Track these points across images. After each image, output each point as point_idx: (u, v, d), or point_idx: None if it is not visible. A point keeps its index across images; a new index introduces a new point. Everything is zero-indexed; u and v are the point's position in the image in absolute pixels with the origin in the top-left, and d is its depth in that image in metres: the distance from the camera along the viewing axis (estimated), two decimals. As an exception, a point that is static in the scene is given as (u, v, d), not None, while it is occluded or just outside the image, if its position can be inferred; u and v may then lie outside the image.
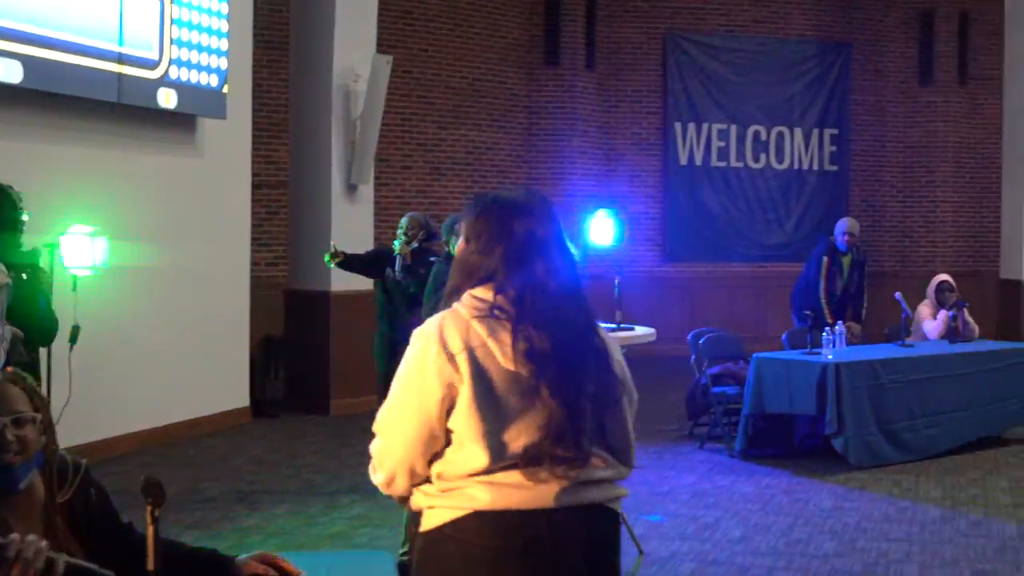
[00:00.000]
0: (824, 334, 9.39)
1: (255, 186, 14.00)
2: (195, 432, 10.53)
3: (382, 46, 15.11)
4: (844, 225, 11.48)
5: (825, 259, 11.33)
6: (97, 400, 9.25)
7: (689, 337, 10.46)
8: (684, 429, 10.85)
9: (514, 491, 2.83)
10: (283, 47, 13.49)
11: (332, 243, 8.95)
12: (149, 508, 2.85)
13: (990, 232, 18.46)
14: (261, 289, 13.62)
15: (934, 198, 18.64)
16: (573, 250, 3.06)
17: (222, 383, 11.11)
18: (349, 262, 8.78)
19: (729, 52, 17.85)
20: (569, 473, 2.85)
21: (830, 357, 9.19)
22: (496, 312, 2.88)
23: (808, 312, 10.07)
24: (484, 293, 2.91)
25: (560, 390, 2.84)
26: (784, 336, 10.76)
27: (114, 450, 9.48)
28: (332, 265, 8.80)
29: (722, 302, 17.83)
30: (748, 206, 18.01)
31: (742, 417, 9.59)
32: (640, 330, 7.33)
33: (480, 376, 2.83)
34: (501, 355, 2.84)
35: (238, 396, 11.39)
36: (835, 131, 18.37)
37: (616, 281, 8.04)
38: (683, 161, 17.73)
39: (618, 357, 3.08)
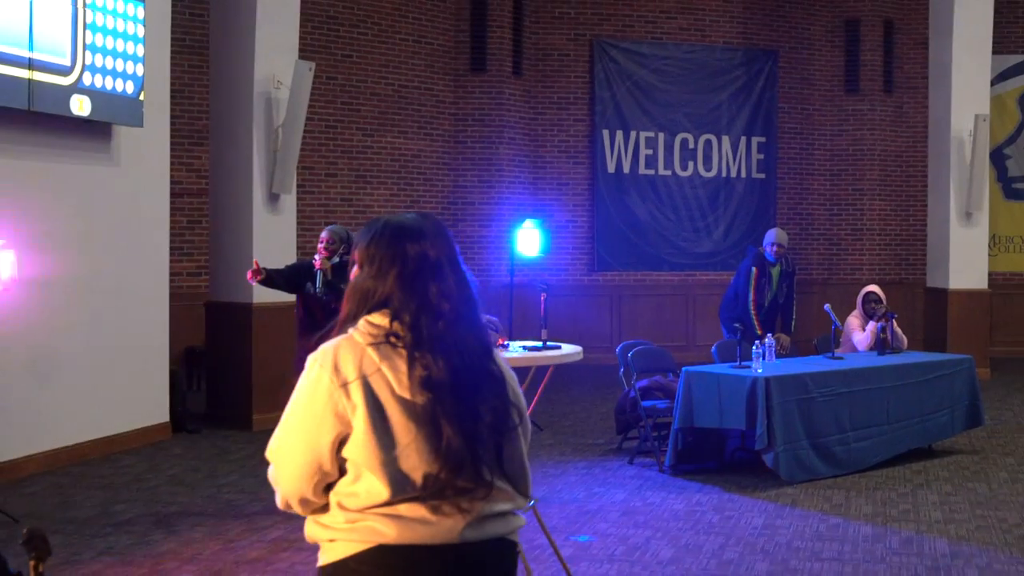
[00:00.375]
0: (753, 347, 9.27)
1: (177, 194, 13.70)
2: (110, 450, 10.21)
3: (305, 52, 14.85)
4: (772, 236, 11.40)
5: (754, 270, 11.24)
6: (4, 418, 8.94)
7: (618, 349, 10.31)
8: (613, 443, 10.70)
9: (419, 525, 2.79)
10: (205, 52, 13.23)
11: (254, 259, 8.70)
12: (32, 564, 2.60)
13: (916, 240, 18.54)
14: (184, 300, 13.33)
15: (861, 206, 18.69)
16: (468, 272, 3.02)
17: (140, 398, 10.79)
18: (270, 278, 8.54)
19: (657, 59, 17.76)
20: (472, 506, 2.83)
21: (760, 371, 9.07)
22: (392, 339, 2.83)
23: (737, 324, 9.97)
24: (380, 319, 2.86)
25: (457, 418, 2.80)
26: (713, 348, 10.63)
27: (23, 471, 9.16)
28: (254, 283, 8.56)
29: (651, 311, 17.75)
30: (676, 214, 17.93)
31: (672, 431, 9.45)
32: (567, 348, 7.14)
33: (375, 405, 2.79)
34: (396, 383, 2.80)
35: (157, 412, 11.06)
36: (762, 139, 18.35)
37: (542, 297, 7.82)
38: (611, 169, 17.62)
39: (513, 384, 3.03)
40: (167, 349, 11.20)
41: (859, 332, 10.96)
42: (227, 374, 11.77)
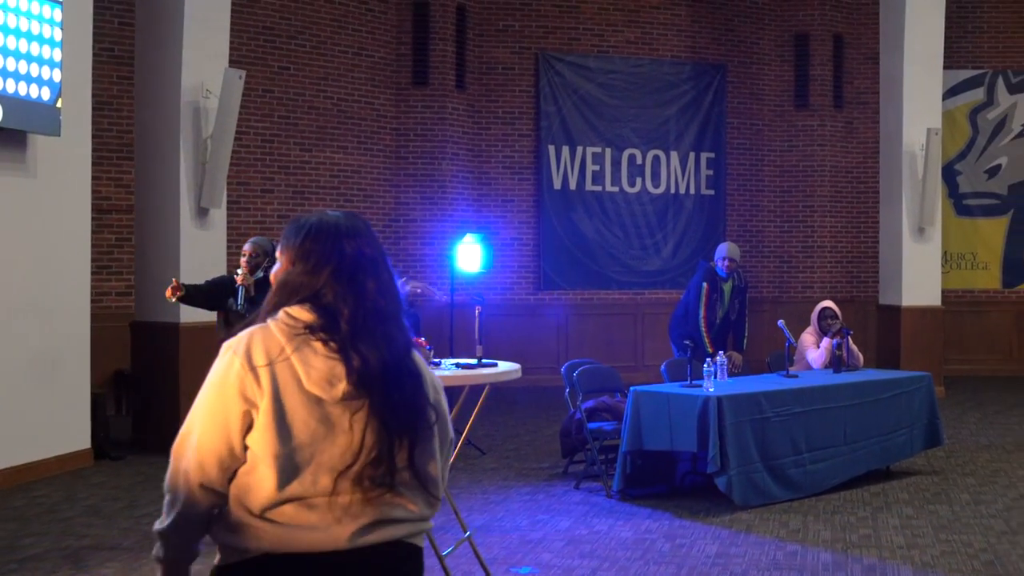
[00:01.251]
0: (705, 365, 8.82)
1: (105, 210, 13.14)
2: (25, 479, 9.60)
3: (240, 64, 14.35)
4: (724, 250, 10.99)
5: (705, 286, 10.83)
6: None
7: (563, 369, 9.82)
8: (559, 467, 10.22)
9: (305, 532, 2.78)
10: (134, 62, 12.61)
11: (172, 278, 8.17)
12: None
13: (868, 257, 18.25)
14: (112, 321, 12.75)
15: (812, 223, 18.38)
16: (395, 272, 3.04)
17: (58, 423, 10.18)
18: (190, 296, 8.03)
19: (603, 73, 17.37)
20: (366, 509, 2.82)
21: (711, 390, 8.62)
22: (308, 331, 2.84)
23: (688, 342, 9.48)
24: (299, 312, 2.86)
25: (383, 413, 2.83)
26: (663, 367, 10.18)
27: (-72, 502, 8.56)
28: (173, 300, 8.04)
29: (598, 331, 17.32)
30: (624, 232, 17.52)
31: (619, 454, 8.97)
32: (504, 366, 6.65)
33: (280, 394, 2.79)
34: (305, 376, 2.80)
35: (78, 438, 10.45)
36: (712, 154, 17.99)
37: (477, 311, 7.31)
38: (557, 185, 17.19)
39: (433, 382, 3.02)
40: (88, 371, 10.59)
41: (814, 349, 10.56)
42: (153, 397, 11.19)
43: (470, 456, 10.87)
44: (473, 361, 6.66)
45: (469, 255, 11.75)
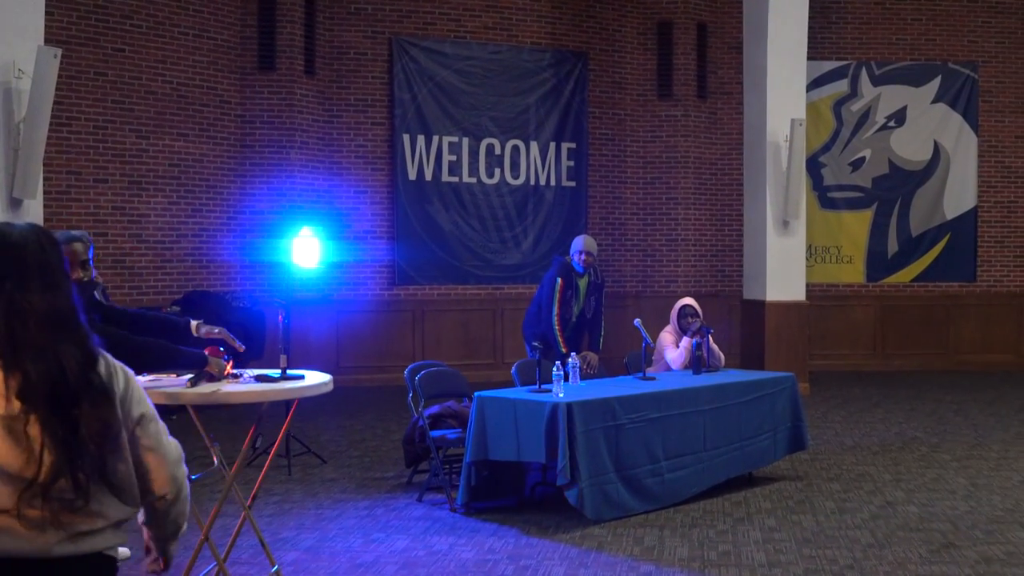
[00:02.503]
0: (555, 368, 8.16)
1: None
2: None
3: (70, 44, 13.50)
4: (580, 244, 10.37)
5: (558, 281, 10.20)
6: None
7: (406, 372, 9.09)
8: (404, 477, 9.52)
9: (9, 537, 2.82)
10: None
11: None
12: None
13: (732, 251, 17.89)
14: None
15: (676, 216, 17.93)
16: (70, 280, 2.95)
17: None
18: None
19: (460, 60, 16.69)
20: (67, 519, 2.86)
21: (561, 395, 7.98)
22: None
23: (536, 343, 8.79)
24: None
25: (52, 428, 2.80)
26: (513, 369, 9.49)
27: None
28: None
29: (456, 328, 16.67)
30: (482, 224, 16.88)
31: (464, 465, 8.30)
32: (313, 377, 5.89)
33: None
34: None
35: None
36: (572, 145, 17.43)
37: (280, 318, 6.52)
38: (412, 176, 16.48)
39: (125, 393, 2.98)
40: None
41: (672, 349, 10.00)
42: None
43: (309, 465, 10.12)
44: (274, 372, 5.89)
45: (306, 250, 10.92)
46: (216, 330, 5.99)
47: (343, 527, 7.92)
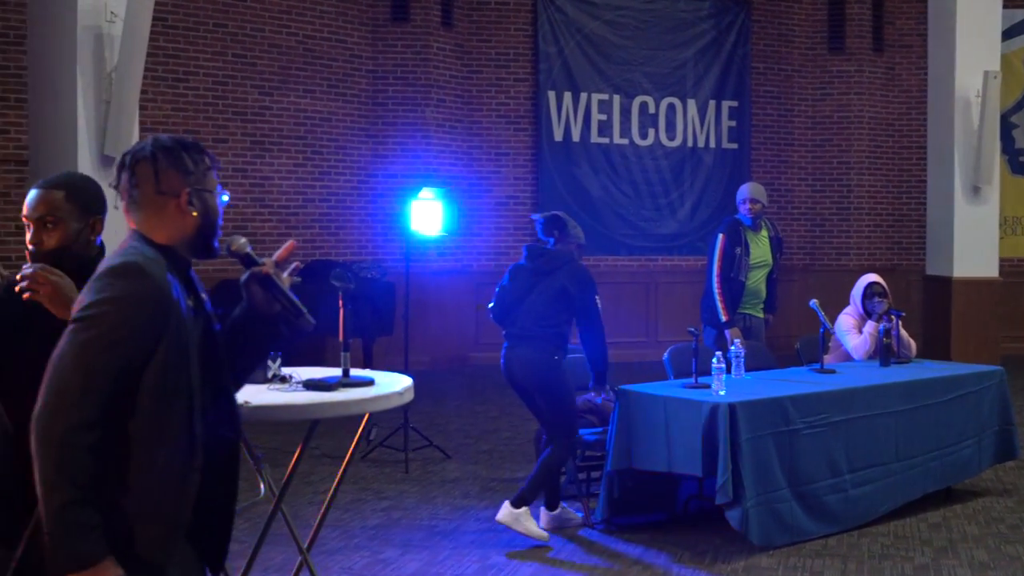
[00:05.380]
0: (714, 359, 6.73)
1: None
2: None
3: (182, -7, 12.43)
4: (745, 191, 8.91)
5: (720, 237, 8.76)
6: None
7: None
8: (535, 479, 8.19)
9: None
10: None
11: None
12: None
13: (912, 221, 16.18)
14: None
15: (848, 181, 16.29)
16: None
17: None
18: None
19: (611, 10, 15.26)
20: None
21: (721, 392, 6.58)
22: None
23: (692, 329, 7.31)
24: None
25: None
26: (665, 356, 8.09)
27: None
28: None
29: (605, 303, 15.18)
30: (635, 190, 15.46)
31: (603, 474, 6.95)
32: (385, 383, 4.52)
33: None
34: None
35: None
36: (734, 103, 15.89)
37: (340, 301, 5.13)
38: (558, 137, 15.12)
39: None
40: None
41: (855, 335, 8.47)
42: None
43: (430, 460, 8.89)
44: (335, 374, 4.56)
45: (427, 214, 9.61)
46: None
47: (457, 545, 6.63)
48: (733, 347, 7.49)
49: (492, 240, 14.96)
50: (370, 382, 4.55)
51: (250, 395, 4.23)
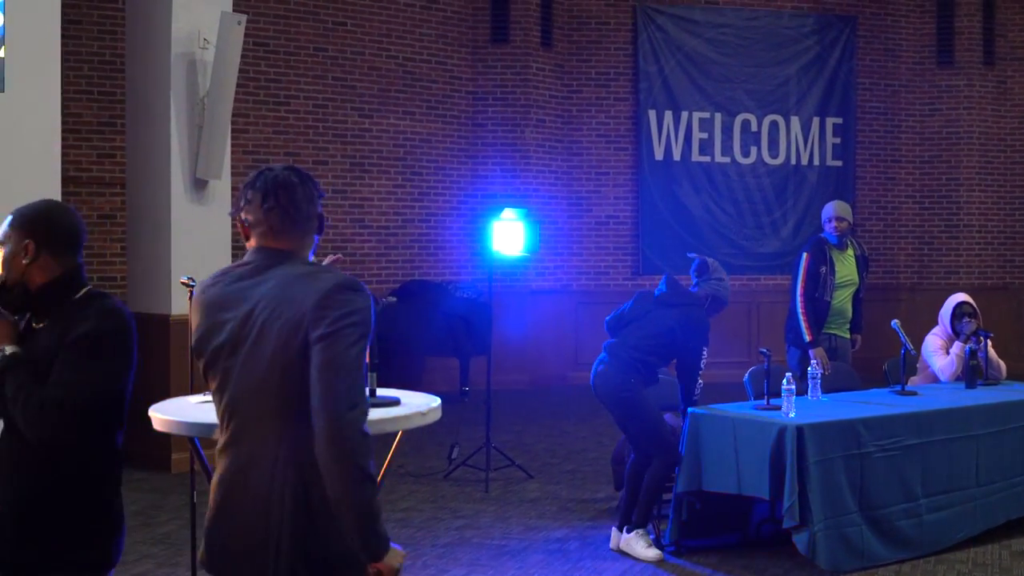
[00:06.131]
0: (784, 380, 6.66)
1: (84, 184, 11.37)
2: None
3: (289, 18, 12.85)
4: (830, 210, 8.74)
5: (804, 256, 8.63)
6: None
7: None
8: (614, 499, 8.17)
9: None
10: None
11: None
12: None
13: None
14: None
15: (957, 199, 15.93)
16: None
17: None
18: None
19: (712, 28, 15.17)
20: None
21: (792, 414, 6.50)
22: None
23: (764, 349, 7.26)
24: None
25: None
26: (746, 377, 8.04)
27: None
28: None
29: (706, 321, 15.14)
30: (737, 209, 15.33)
31: (673, 496, 6.91)
32: (410, 403, 4.56)
33: None
34: None
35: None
36: (839, 120, 15.67)
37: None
38: (659, 156, 15.07)
39: None
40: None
41: (942, 355, 8.30)
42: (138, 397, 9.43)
43: (513, 480, 8.90)
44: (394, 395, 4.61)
45: (508, 234, 9.64)
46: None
47: (523, 566, 6.64)
48: (810, 368, 7.39)
49: (592, 260, 14.95)
50: (396, 401, 4.60)
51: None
